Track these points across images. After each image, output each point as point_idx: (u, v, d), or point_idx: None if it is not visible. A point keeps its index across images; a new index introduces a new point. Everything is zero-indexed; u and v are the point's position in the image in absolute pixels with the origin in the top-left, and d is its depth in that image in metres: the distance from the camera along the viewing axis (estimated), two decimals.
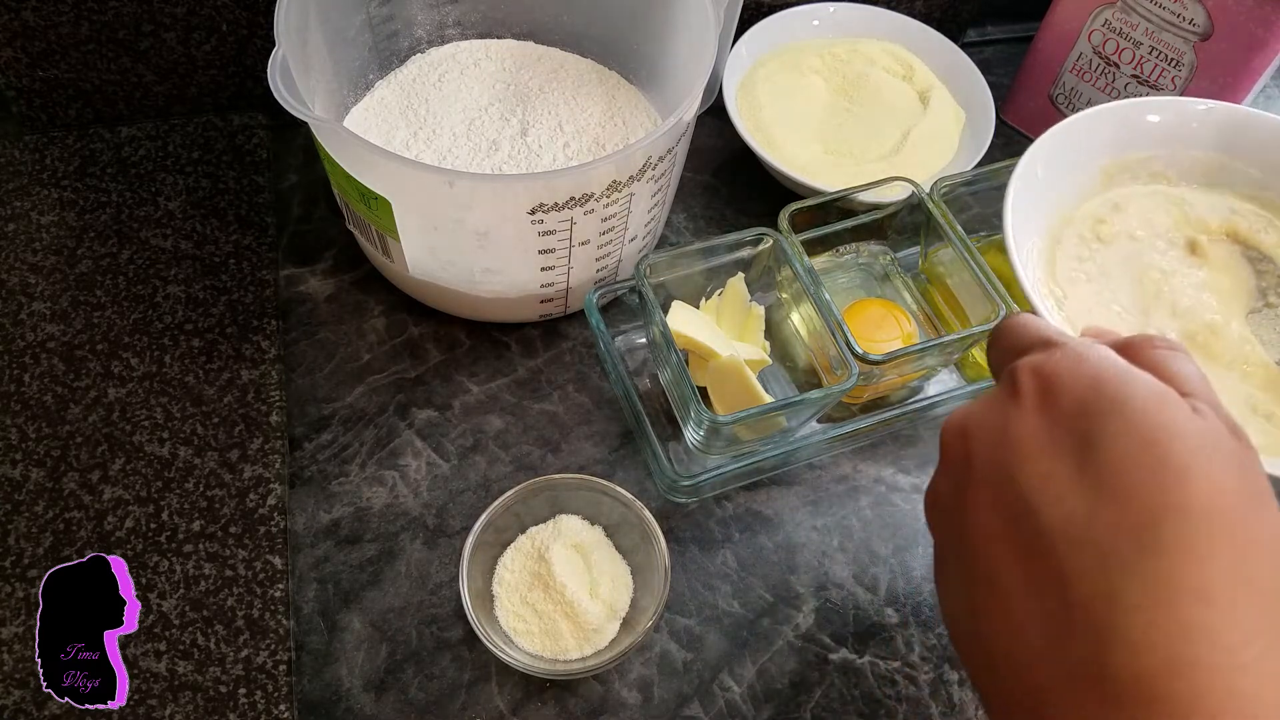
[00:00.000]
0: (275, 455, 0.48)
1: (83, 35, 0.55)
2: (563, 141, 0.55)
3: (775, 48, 0.64)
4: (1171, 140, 0.42)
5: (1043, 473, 0.26)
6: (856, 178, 0.57)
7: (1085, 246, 0.40)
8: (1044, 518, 0.26)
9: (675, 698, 0.44)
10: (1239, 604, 0.24)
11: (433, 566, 0.47)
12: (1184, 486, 0.24)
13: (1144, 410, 0.26)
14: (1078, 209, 0.42)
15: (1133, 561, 0.24)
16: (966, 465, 0.29)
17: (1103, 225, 0.41)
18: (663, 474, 0.47)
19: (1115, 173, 0.42)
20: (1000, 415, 0.28)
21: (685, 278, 0.50)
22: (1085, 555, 0.25)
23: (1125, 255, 0.40)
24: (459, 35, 0.60)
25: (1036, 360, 0.28)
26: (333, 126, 0.42)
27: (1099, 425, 0.26)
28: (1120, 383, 0.26)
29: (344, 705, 0.43)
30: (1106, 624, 0.24)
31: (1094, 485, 0.25)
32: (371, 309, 0.55)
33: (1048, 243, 0.40)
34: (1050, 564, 0.25)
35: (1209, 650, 0.23)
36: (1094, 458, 0.26)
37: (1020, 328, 0.31)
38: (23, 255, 0.54)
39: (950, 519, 0.29)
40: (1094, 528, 0.25)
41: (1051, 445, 0.26)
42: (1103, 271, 0.40)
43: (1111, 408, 0.26)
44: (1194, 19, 0.56)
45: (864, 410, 0.51)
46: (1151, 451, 0.25)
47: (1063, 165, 0.40)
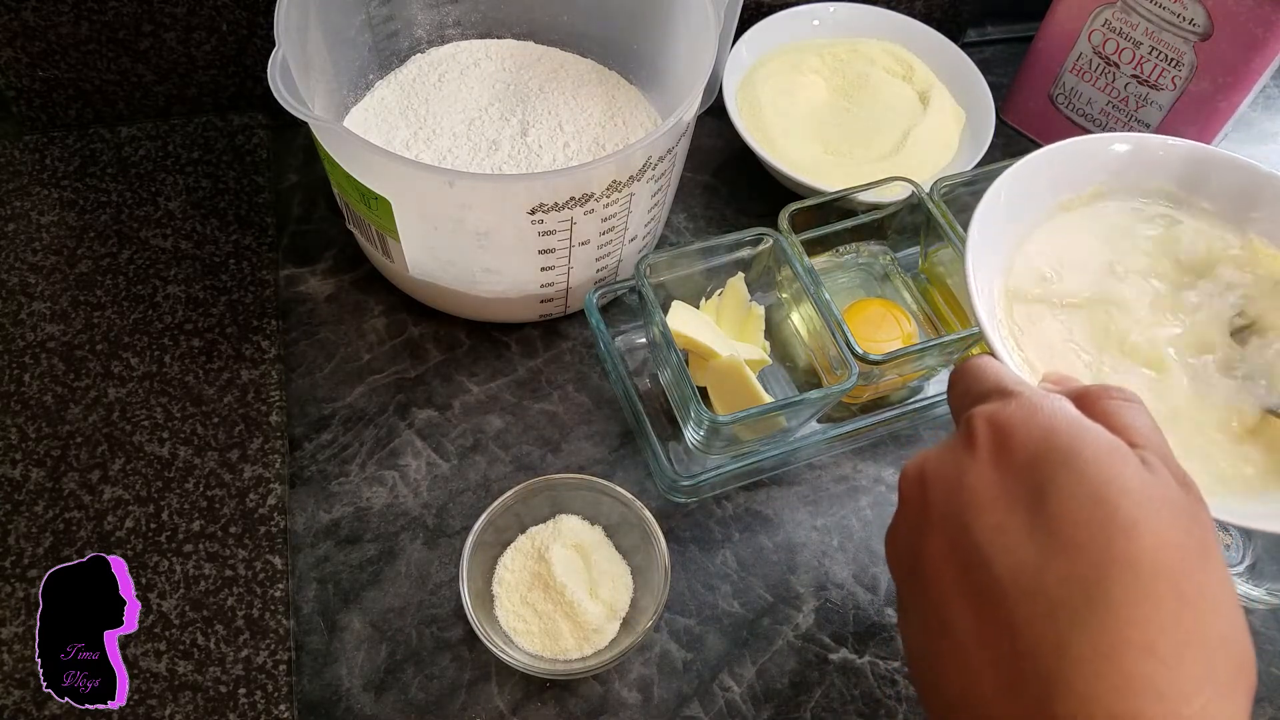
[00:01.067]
0: (275, 455, 0.48)
1: (83, 35, 0.55)
2: (563, 141, 0.55)
3: (775, 48, 0.64)
4: (1130, 173, 0.42)
5: (995, 524, 0.27)
6: (856, 178, 0.57)
7: (1044, 281, 0.40)
8: (996, 568, 0.26)
9: (675, 698, 0.44)
10: (1184, 658, 0.24)
11: (433, 566, 0.47)
12: (1131, 541, 0.25)
13: (1094, 463, 0.26)
14: (1034, 236, 0.41)
15: (1081, 614, 0.24)
16: (923, 512, 0.29)
17: (1060, 249, 0.41)
18: (663, 474, 0.47)
19: (1073, 206, 0.42)
20: (956, 465, 0.29)
21: (685, 278, 0.50)
22: (1035, 605, 0.25)
23: (1083, 284, 0.40)
24: (459, 35, 0.60)
25: (991, 410, 0.29)
26: (333, 126, 0.42)
27: (1050, 477, 0.26)
28: (1072, 436, 0.27)
29: (344, 705, 0.43)
30: (1054, 675, 0.24)
31: (1045, 537, 0.26)
32: (371, 309, 0.55)
33: (1008, 278, 0.39)
34: (1001, 613, 0.26)
35: (1153, 703, 0.23)
36: (1045, 509, 0.26)
37: (979, 371, 0.31)
38: (23, 255, 0.54)
39: (908, 564, 0.30)
40: (1044, 579, 0.25)
41: (1004, 496, 0.27)
42: (1062, 305, 0.39)
43: (1063, 460, 0.26)
44: (1194, 19, 0.56)
45: (864, 410, 0.51)
46: (1100, 506, 0.25)
47: (1023, 201, 0.40)
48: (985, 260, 0.37)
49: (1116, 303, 0.39)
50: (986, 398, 0.30)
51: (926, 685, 0.29)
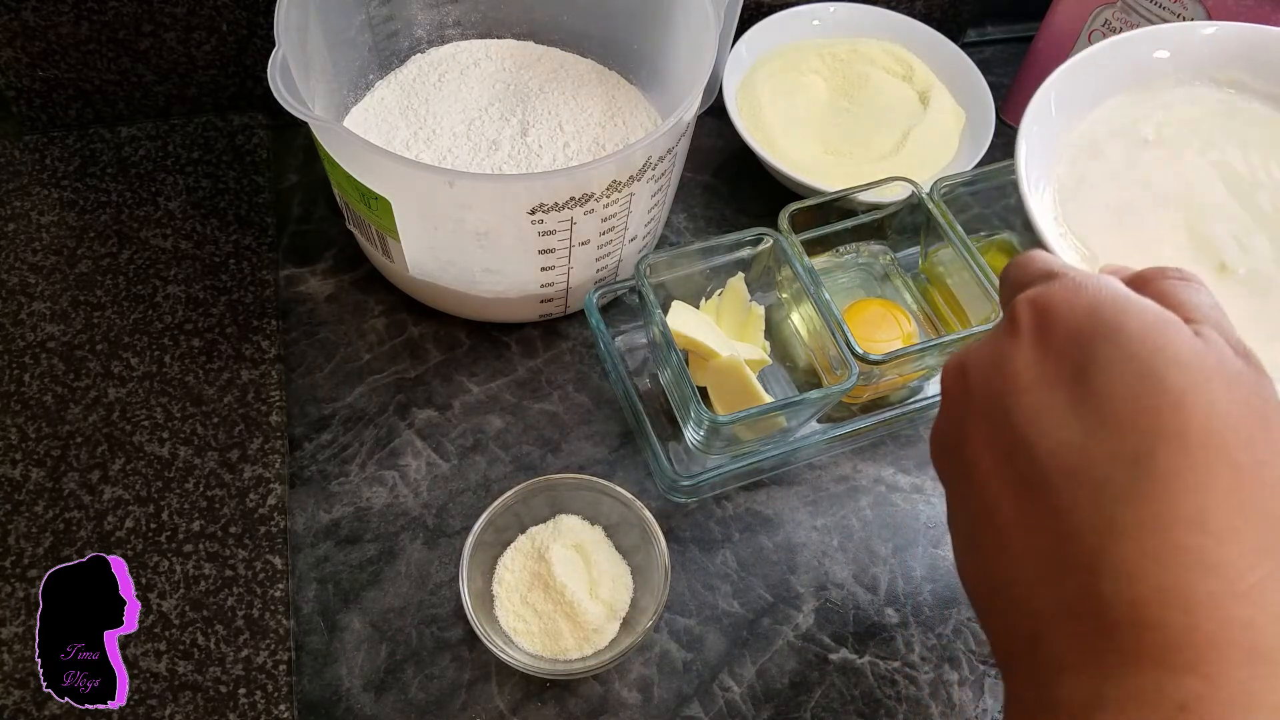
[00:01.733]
0: (275, 455, 0.48)
1: (83, 35, 0.55)
2: (563, 141, 0.55)
3: (775, 48, 0.64)
4: (1184, 68, 0.39)
5: (1037, 404, 0.26)
6: (856, 178, 0.57)
7: (1115, 160, 0.36)
8: (1038, 450, 0.25)
9: (675, 698, 0.44)
10: (1240, 531, 0.23)
11: (433, 566, 0.47)
12: (1180, 412, 0.24)
13: (1140, 336, 0.25)
14: (1103, 120, 0.37)
15: (1127, 490, 0.23)
16: (965, 402, 0.28)
17: (1136, 127, 0.37)
18: (663, 474, 0.47)
19: (1132, 90, 0.39)
20: (998, 350, 0.27)
21: (685, 278, 0.50)
22: (1079, 486, 0.24)
23: (1162, 165, 0.36)
24: (459, 35, 0.60)
25: (1035, 292, 0.27)
26: (333, 126, 0.42)
27: (1093, 353, 0.25)
28: (1117, 310, 0.26)
29: (344, 705, 0.43)
30: (1099, 553, 0.23)
31: (1088, 415, 0.25)
32: (371, 309, 0.55)
33: (1069, 170, 0.36)
34: (1045, 496, 0.25)
35: (1203, 577, 0.22)
36: (1089, 386, 0.25)
37: (1027, 262, 0.29)
38: (23, 255, 0.54)
39: (952, 457, 0.29)
40: (1088, 458, 0.24)
41: (1046, 376, 0.26)
42: (1138, 187, 0.36)
43: (1108, 335, 0.25)
44: (1194, 19, 0.56)
45: (864, 410, 0.51)
46: (1148, 378, 0.24)
47: (1074, 97, 0.37)
48: (1037, 156, 0.35)
49: (1173, 192, 0.36)
50: (1032, 283, 0.28)
51: (973, 577, 0.28)
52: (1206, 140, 0.37)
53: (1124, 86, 0.38)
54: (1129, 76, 0.38)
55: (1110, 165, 0.36)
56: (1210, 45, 0.37)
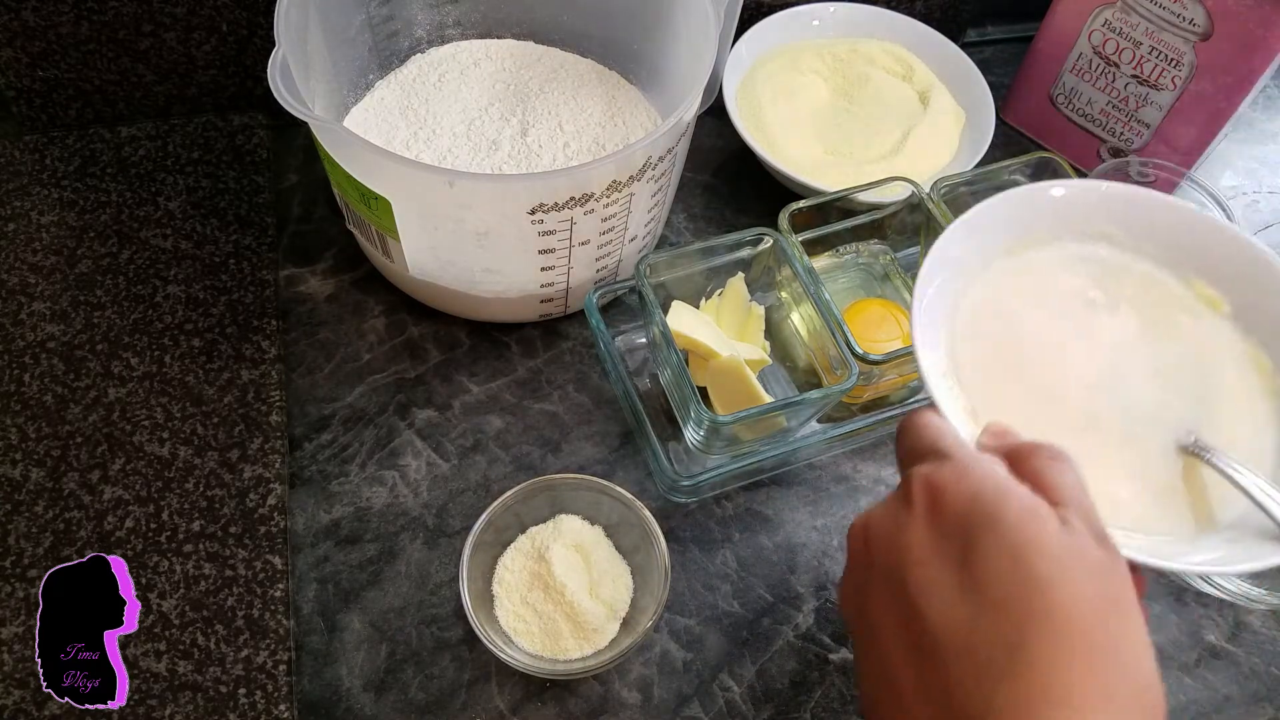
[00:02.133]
0: (275, 455, 0.48)
1: (83, 35, 0.55)
2: (563, 141, 0.55)
3: (775, 48, 0.64)
4: (1072, 217, 0.42)
5: (930, 578, 0.29)
6: (856, 178, 0.57)
7: (987, 321, 0.40)
8: (930, 623, 0.28)
9: (675, 698, 0.44)
10: (1099, 707, 0.26)
11: (433, 566, 0.47)
12: (1047, 597, 0.27)
13: (1015, 526, 0.28)
14: (978, 284, 0.41)
15: (1005, 671, 0.26)
16: (868, 564, 0.31)
17: (1003, 295, 0.41)
18: (663, 474, 0.47)
19: (1016, 251, 0.42)
20: (895, 521, 0.31)
21: (685, 278, 0.50)
22: (965, 665, 0.27)
23: (1025, 324, 0.40)
24: (459, 35, 0.60)
25: (927, 471, 0.31)
26: (333, 126, 0.42)
27: (976, 539, 0.28)
28: (996, 499, 0.29)
29: (344, 705, 0.43)
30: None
31: (974, 596, 0.28)
32: (371, 309, 0.55)
33: (954, 323, 0.40)
34: (938, 670, 0.28)
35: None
36: (973, 569, 0.28)
37: (920, 430, 0.33)
38: (23, 255, 0.54)
39: (856, 614, 0.32)
40: (974, 638, 0.27)
41: (938, 553, 0.29)
42: (1005, 344, 0.40)
43: (987, 523, 0.28)
44: (1194, 19, 0.56)
45: (864, 410, 0.51)
46: (1020, 565, 0.27)
47: (968, 252, 0.40)
48: (932, 314, 0.38)
49: (1054, 345, 0.40)
50: (925, 457, 0.32)
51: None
52: (1083, 297, 0.41)
53: (1007, 250, 0.41)
54: (1012, 237, 0.42)
55: (996, 323, 0.40)
56: (1072, 206, 0.42)
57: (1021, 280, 0.41)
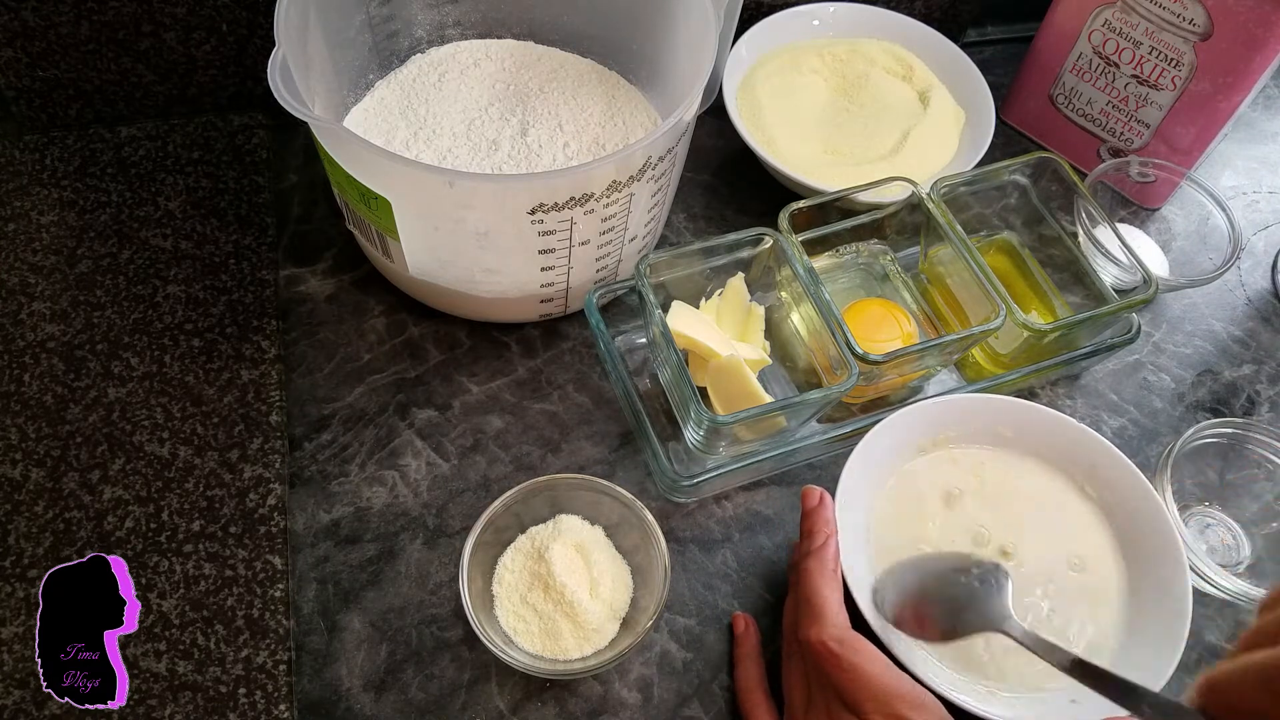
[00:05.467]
0: (275, 455, 0.48)
1: (83, 35, 0.55)
2: (563, 141, 0.55)
3: (775, 48, 0.64)
4: (969, 423, 0.49)
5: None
6: (856, 178, 0.57)
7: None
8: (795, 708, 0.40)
9: (675, 698, 0.44)
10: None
11: (433, 566, 0.47)
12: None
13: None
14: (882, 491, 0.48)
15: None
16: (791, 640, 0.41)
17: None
18: (663, 474, 0.47)
19: (927, 450, 0.49)
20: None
21: (685, 278, 0.50)
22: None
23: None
24: (459, 35, 0.60)
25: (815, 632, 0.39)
26: (333, 126, 0.42)
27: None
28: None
29: (344, 705, 0.43)
30: None
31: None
32: (371, 309, 0.55)
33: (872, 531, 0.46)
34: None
35: None
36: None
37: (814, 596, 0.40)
38: (23, 255, 0.54)
39: (785, 653, 0.42)
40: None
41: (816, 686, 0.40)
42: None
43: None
44: (1194, 19, 0.56)
45: (864, 410, 0.51)
46: None
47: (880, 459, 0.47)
48: (849, 549, 0.43)
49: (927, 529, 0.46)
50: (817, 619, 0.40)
51: None
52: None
53: (898, 469, 0.48)
54: (897, 464, 0.48)
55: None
56: (945, 414, 0.48)
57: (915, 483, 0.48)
